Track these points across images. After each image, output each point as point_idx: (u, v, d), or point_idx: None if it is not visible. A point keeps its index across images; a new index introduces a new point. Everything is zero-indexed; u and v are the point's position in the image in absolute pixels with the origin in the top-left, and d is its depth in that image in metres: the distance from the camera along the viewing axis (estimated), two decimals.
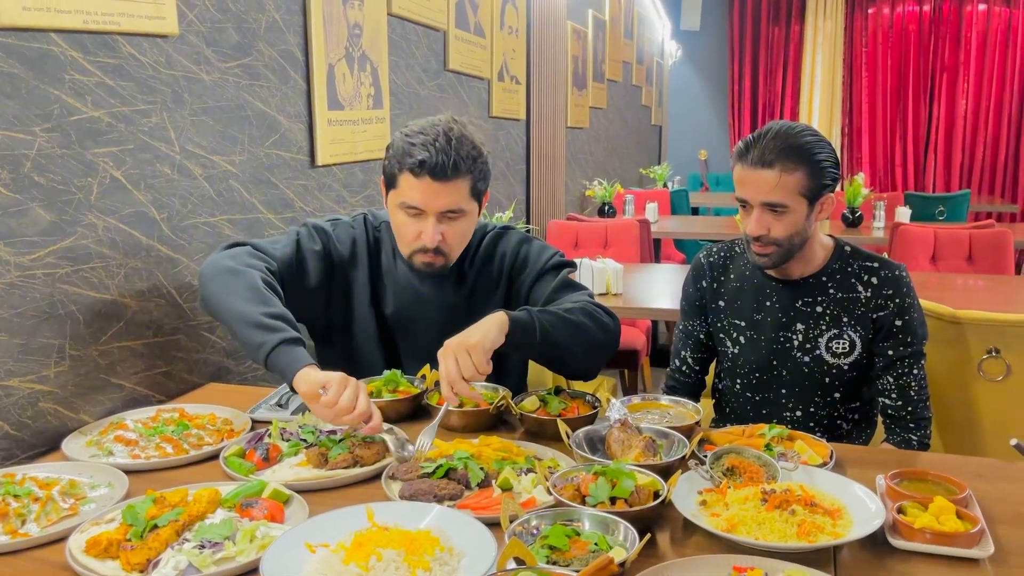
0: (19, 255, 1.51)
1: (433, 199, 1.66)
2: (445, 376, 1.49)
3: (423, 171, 1.63)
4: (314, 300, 1.83)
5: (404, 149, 1.65)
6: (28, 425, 1.55)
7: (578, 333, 1.66)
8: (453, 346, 1.49)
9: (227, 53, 2.06)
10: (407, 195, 1.67)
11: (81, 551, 1.13)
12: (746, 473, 1.32)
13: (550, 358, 1.73)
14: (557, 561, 1.05)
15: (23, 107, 1.51)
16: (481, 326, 1.54)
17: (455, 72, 3.57)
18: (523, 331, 1.58)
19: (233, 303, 1.57)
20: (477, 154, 1.69)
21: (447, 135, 1.64)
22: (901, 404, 1.79)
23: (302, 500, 1.30)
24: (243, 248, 1.72)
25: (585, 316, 1.68)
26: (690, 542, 1.19)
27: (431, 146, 1.63)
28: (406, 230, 1.72)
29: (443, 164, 1.62)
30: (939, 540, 1.14)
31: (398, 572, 1.04)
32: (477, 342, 1.49)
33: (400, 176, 1.67)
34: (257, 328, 1.53)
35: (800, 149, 1.70)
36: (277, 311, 1.57)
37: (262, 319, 1.54)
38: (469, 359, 1.47)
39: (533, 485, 1.32)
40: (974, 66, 9.14)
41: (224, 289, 1.60)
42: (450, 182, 1.65)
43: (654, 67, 9.18)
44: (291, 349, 1.51)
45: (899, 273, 1.81)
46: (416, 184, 1.65)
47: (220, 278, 1.62)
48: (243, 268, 1.63)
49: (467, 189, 1.69)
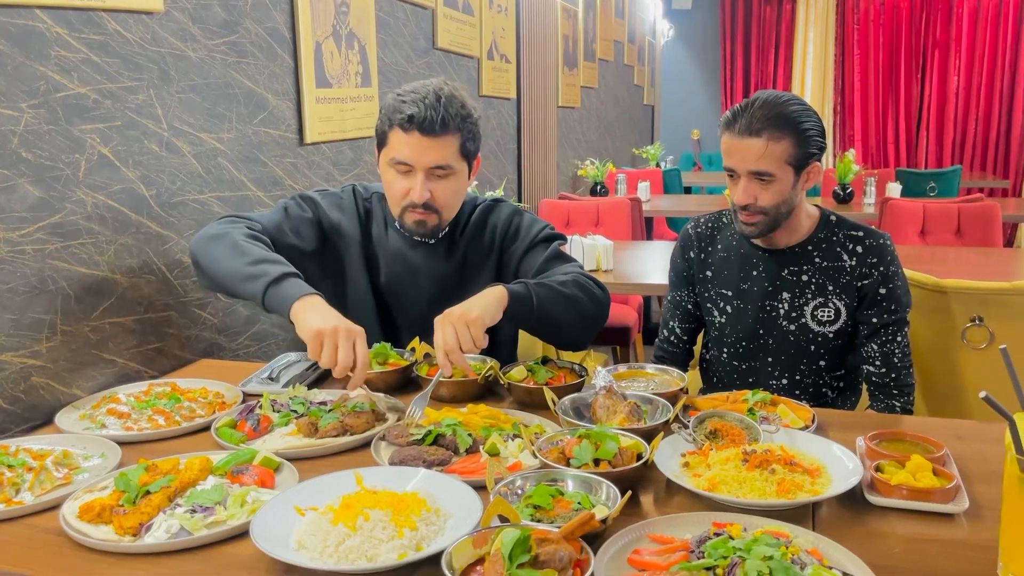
0: (8, 231, 1.53)
1: (421, 154, 1.69)
2: (442, 345, 1.50)
3: (412, 126, 1.66)
4: (309, 266, 1.84)
5: (395, 106, 1.69)
6: (21, 399, 1.56)
7: (572, 305, 1.69)
8: (453, 317, 1.51)
9: (213, 30, 2.06)
10: (396, 150, 1.71)
11: (75, 516, 1.15)
12: (728, 436, 1.34)
13: (543, 330, 1.76)
14: (541, 519, 1.08)
15: (9, 83, 1.52)
16: (481, 300, 1.56)
17: (444, 51, 3.56)
18: (520, 305, 1.61)
19: (219, 267, 1.62)
20: (467, 114, 1.72)
21: (437, 94, 1.68)
22: (885, 371, 1.82)
23: (292, 467, 1.32)
24: (225, 218, 1.75)
25: (578, 288, 1.71)
26: (672, 502, 1.22)
27: (421, 102, 1.66)
28: (396, 187, 1.75)
29: (431, 119, 1.66)
30: (915, 496, 1.16)
31: (385, 532, 1.06)
32: (477, 317, 1.51)
33: (390, 132, 1.71)
34: (246, 280, 1.57)
35: (787, 118, 1.71)
36: (258, 257, 1.60)
37: (247, 270, 1.58)
38: (468, 332, 1.50)
39: (520, 450, 1.34)
40: (965, 43, 9.13)
41: (210, 257, 1.64)
42: (438, 138, 1.68)
43: (646, 47, 9.15)
44: (278, 289, 1.54)
45: (883, 242, 1.83)
46: (405, 139, 1.68)
47: (205, 249, 1.66)
48: (223, 231, 1.67)
49: (456, 146, 1.72)
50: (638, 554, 1.03)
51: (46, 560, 1.09)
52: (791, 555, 0.95)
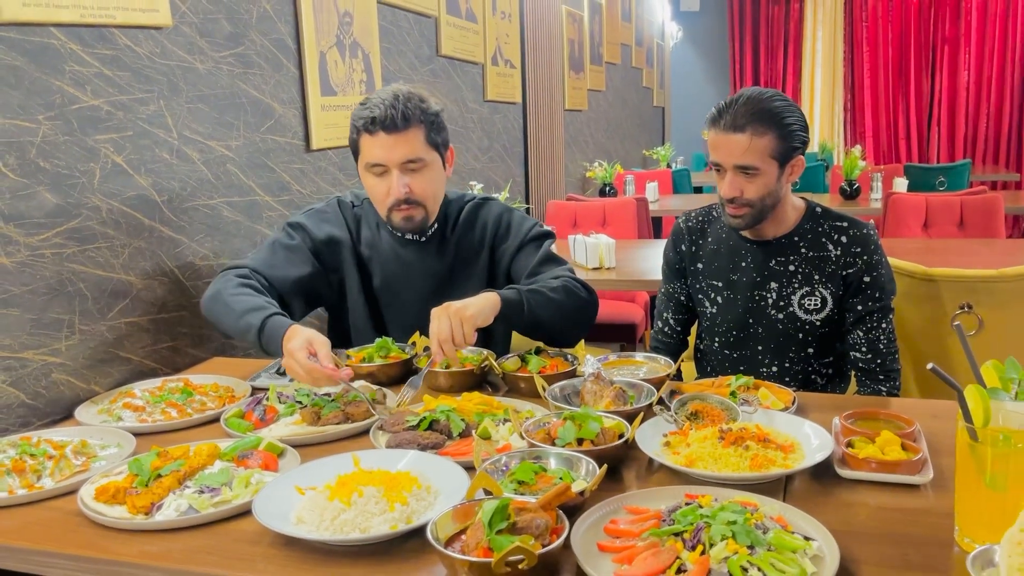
0: (28, 236, 1.62)
1: (390, 151, 1.79)
2: (436, 334, 1.61)
3: (376, 127, 1.78)
4: (315, 286, 1.96)
5: (359, 114, 1.81)
6: (43, 394, 1.66)
7: (559, 310, 1.80)
8: (451, 311, 1.61)
9: (220, 43, 2.15)
10: (368, 154, 1.81)
11: (91, 498, 1.23)
12: (708, 417, 1.40)
13: (533, 332, 1.86)
14: (524, 493, 1.14)
15: (27, 97, 1.61)
16: (478, 303, 1.66)
17: (448, 57, 3.65)
18: (512, 311, 1.72)
19: (222, 326, 1.80)
20: (427, 107, 1.83)
21: (395, 94, 1.80)
22: (871, 357, 1.87)
23: (295, 453, 1.40)
24: (224, 271, 1.88)
25: (566, 294, 1.82)
26: (653, 479, 1.28)
27: (380, 104, 1.78)
28: (377, 190, 1.85)
29: (392, 117, 1.76)
30: (882, 468, 1.22)
31: (378, 506, 1.13)
32: (471, 316, 1.62)
33: (360, 140, 1.82)
34: (244, 334, 1.71)
35: (769, 113, 1.77)
36: (244, 307, 1.72)
37: (238, 324, 1.71)
38: (461, 328, 1.60)
39: (510, 433, 1.41)
40: (975, 37, 9.10)
41: (215, 316, 1.81)
42: (402, 133, 1.78)
43: (655, 49, 9.20)
44: (266, 335, 1.66)
45: (867, 232, 1.88)
46: (373, 141, 1.79)
47: (210, 311, 1.83)
48: (216, 291, 1.81)
49: (421, 138, 1.82)
50: (614, 523, 1.10)
51: (65, 538, 1.18)
52: (755, 521, 1.02)
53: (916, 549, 1.05)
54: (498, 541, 0.96)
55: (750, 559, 0.94)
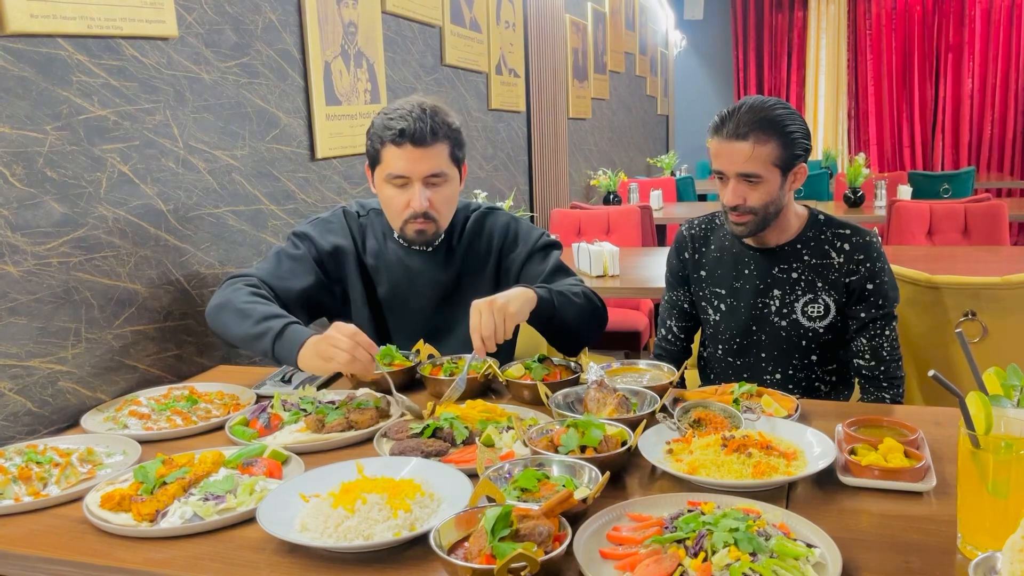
0: (35, 245, 1.63)
1: (416, 164, 1.79)
2: (478, 329, 1.60)
3: (404, 139, 1.77)
4: (320, 297, 1.96)
5: (384, 125, 1.80)
6: (49, 402, 1.67)
7: (581, 314, 1.82)
8: (495, 307, 1.61)
9: (225, 53, 2.17)
10: (392, 165, 1.80)
11: (96, 505, 1.24)
12: (711, 424, 1.41)
13: (555, 331, 1.86)
14: (527, 500, 1.15)
15: (34, 107, 1.63)
16: (519, 298, 1.67)
17: (452, 67, 3.67)
18: (544, 309, 1.73)
19: (230, 333, 1.77)
20: (452, 122, 1.84)
21: (421, 107, 1.80)
22: (874, 364, 1.87)
23: (299, 460, 1.40)
24: (228, 280, 1.88)
25: (586, 299, 1.85)
26: (655, 486, 1.29)
27: (408, 116, 1.77)
28: (395, 202, 1.84)
29: (422, 130, 1.76)
30: (885, 475, 1.22)
31: (381, 513, 1.13)
32: (514, 312, 1.63)
33: (383, 150, 1.81)
34: (255, 341, 1.70)
35: (771, 121, 1.78)
36: (259, 316, 1.71)
37: (252, 330, 1.70)
38: (503, 325, 1.61)
39: (513, 440, 1.42)
40: (979, 45, 9.12)
41: (221, 325, 1.78)
42: (430, 147, 1.79)
43: (658, 57, 9.23)
44: (281, 344, 1.66)
45: (870, 239, 1.88)
46: (399, 153, 1.78)
47: (215, 319, 1.80)
48: (225, 300, 1.79)
49: (446, 154, 1.83)
50: (617, 530, 1.10)
51: (70, 545, 1.18)
52: (757, 528, 1.02)
53: (919, 556, 1.05)
54: (501, 548, 0.97)
55: (752, 566, 0.95)
